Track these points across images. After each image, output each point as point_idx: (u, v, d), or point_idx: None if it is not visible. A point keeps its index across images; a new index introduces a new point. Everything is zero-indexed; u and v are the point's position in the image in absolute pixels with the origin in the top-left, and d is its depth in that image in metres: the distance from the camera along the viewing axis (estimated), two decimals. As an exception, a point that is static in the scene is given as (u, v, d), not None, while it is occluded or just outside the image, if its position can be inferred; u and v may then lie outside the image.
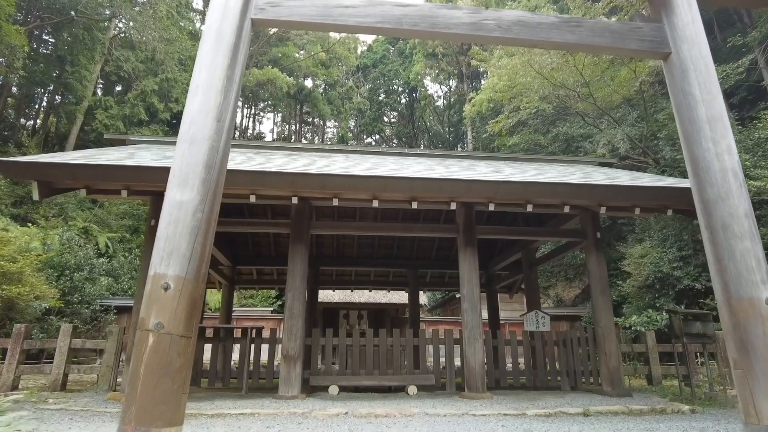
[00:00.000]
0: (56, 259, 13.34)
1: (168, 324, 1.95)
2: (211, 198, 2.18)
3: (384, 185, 5.87)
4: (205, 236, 2.13)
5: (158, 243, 2.09)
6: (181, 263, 2.04)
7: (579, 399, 6.40)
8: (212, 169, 2.22)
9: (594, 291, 7.25)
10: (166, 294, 1.99)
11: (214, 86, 2.34)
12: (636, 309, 13.98)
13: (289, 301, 6.42)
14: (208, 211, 2.16)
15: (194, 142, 2.23)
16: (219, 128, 2.29)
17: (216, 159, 2.25)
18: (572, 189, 6.06)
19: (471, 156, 9.17)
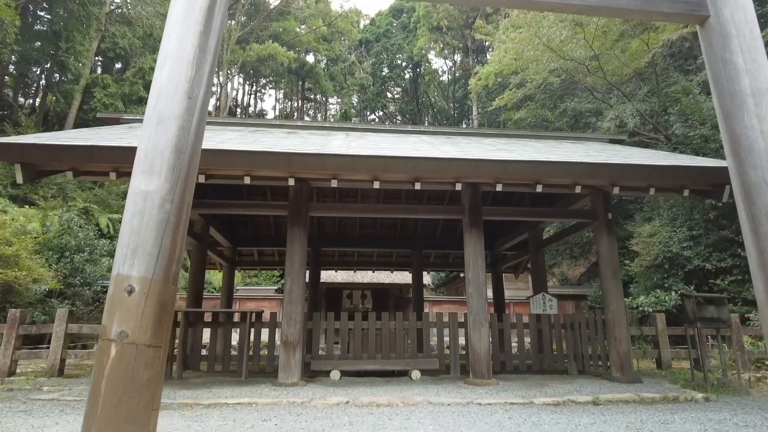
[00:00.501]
0: (55, 240, 13.19)
1: (133, 333, 1.69)
2: (181, 186, 1.90)
3: (385, 165, 5.56)
4: (175, 230, 1.85)
5: (121, 239, 1.82)
6: (148, 262, 1.77)
7: (587, 385, 6.21)
8: (183, 154, 1.93)
9: (604, 273, 6.99)
10: (130, 298, 1.72)
11: (184, 57, 2.03)
12: (644, 289, 13.76)
13: (288, 285, 6.20)
14: (178, 201, 1.88)
15: (162, 122, 1.94)
16: (190, 106, 1.99)
17: (187, 141, 1.96)
18: (586, 168, 5.73)
19: (477, 133, 8.80)
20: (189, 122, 1.97)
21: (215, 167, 5.41)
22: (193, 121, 1.99)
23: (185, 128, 1.96)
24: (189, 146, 1.96)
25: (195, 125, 2.00)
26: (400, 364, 7.21)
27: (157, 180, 1.86)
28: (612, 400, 5.39)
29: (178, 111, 1.96)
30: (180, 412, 4.60)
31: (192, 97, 2.00)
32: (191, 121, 1.98)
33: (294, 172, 5.60)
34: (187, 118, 1.97)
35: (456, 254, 12.60)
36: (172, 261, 1.84)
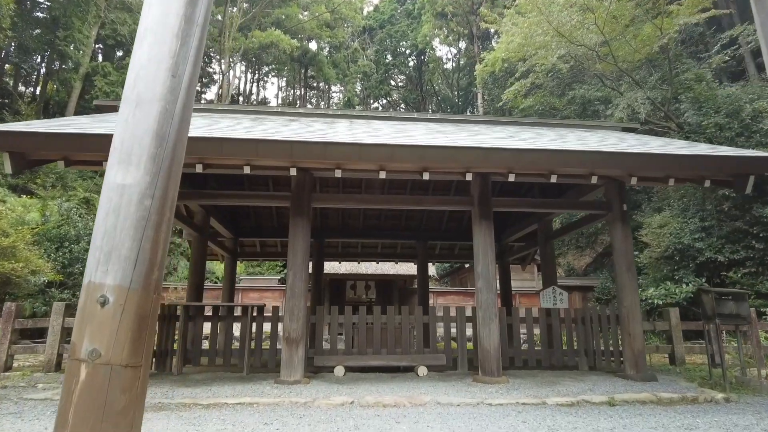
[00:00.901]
0: (54, 231, 13.00)
1: (107, 351, 1.44)
2: (164, 179, 1.64)
3: (392, 154, 5.28)
4: (156, 230, 1.60)
5: (94, 241, 1.57)
6: (124, 268, 1.52)
7: (601, 383, 5.99)
8: (166, 141, 1.67)
9: (618, 267, 6.72)
10: (103, 311, 1.47)
11: (168, 29, 1.75)
12: (653, 281, 13.50)
13: (290, 279, 5.97)
14: (160, 196, 1.62)
15: (141, 104, 1.67)
16: (175, 86, 1.72)
17: (171, 127, 1.69)
18: (603, 158, 5.44)
19: (486, 120, 8.48)
20: (173, 104, 1.71)
21: (213, 156, 5.15)
22: (177, 103, 1.72)
23: (168, 111, 1.69)
24: (173, 132, 1.70)
25: (180, 108, 1.73)
26: (406, 360, 7.00)
27: (136, 172, 1.60)
28: (628, 400, 5.16)
29: (160, 91, 1.69)
30: (177, 413, 4.40)
31: (176, 75, 1.73)
32: (176, 103, 1.72)
33: (296, 162, 5.33)
34: (170, 99, 1.70)
35: (462, 245, 12.34)
36: (153, 266, 1.59)
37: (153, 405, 4.69)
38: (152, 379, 6.01)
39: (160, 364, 6.77)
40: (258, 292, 17.25)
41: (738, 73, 19.81)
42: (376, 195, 8.37)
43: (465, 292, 17.71)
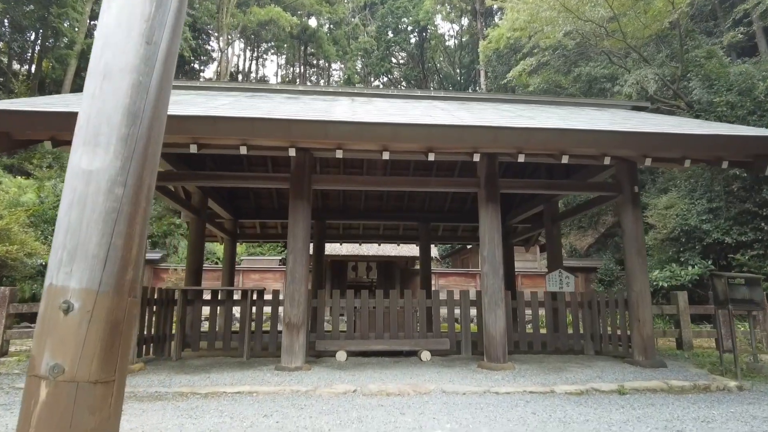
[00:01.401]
0: (51, 212, 12.81)
1: (71, 366, 1.24)
2: (138, 163, 1.41)
3: (396, 134, 5.02)
4: (130, 223, 1.37)
5: (56, 237, 1.35)
6: (92, 268, 1.30)
7: (609, 370, 5.85)
8: (139, 119, 1.43)
9: (629, 251, 6.52)
10: (67, 319, 1.26)
11: (140, -14, 1.50)
12: (657, 263, 13.34)
13: (290, 264, 5.78)
14: (134, 184, 1.39)
15: (109, 76, 1.43)
16: (149, 54, 1.47)
17: (145, 103, 1.45)
18: (617, 137, 5.17)
19: (492, 98, 8.17)
20: (148, 77, 1.46)
21: (207, 135, 4.89)
22: (153, 75, 1.48)
23: (142, 85, 1.45)
24: (148, 109, 1.46)
25: (157, 81, 1.49)
26: (409, 345, 6.87)
27: (104, 155, 1.37)
28: (638, 388, 5.02)
29: (132, 61, 1.44)
30: (174, 404, 4.26)
31: (152, 42, 1.48)
32: (151, 75, 1.47)
33: (295, 141, 5.08)
34: (144, 71, 1.46)
35: (465, 227, 12.14)
36: (126, 265, 1.37)
37: (150, 394, 4.56)
38: (150, 366, 5.88)
39: (158, 349, 6.65)
40: (259, 273, 17.15)
41: (749, 49, 19.25)
42: (378, 176, 8.13)
43: (467, 273, 17.60)
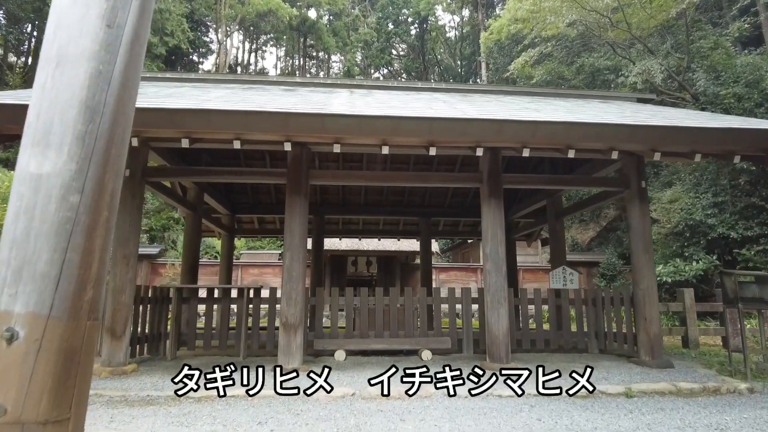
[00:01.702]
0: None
1: (15, 405, 1.06)
2: (99, 165, 1.22)
3: (396, 128, 4.82)
4: (88, 235, 1.19)
5: (1, 253, 1.17)
6: (41, 290, 1.12)
7: (615, 370, 5.70)
8: (100, 114, 1.24)
9: (635, 247, 6.35)
10: (11, 349, 1.08)
11: (100, -40, 1.30)
12: (661, 258, 13.16)
13: (287, 262, 5.61)
14: (93, 189, 1.20)
15: (63, 64, 1.24)
16: (111, 39, 1.27)
17: (107, 95, 1.26)
18: (626, 131, 4.97)
19: (496, 90, 7.95)
20: (109, 65, 1.27)
21: (200, 130, 4.70)
22: (116, 63, 1.29)
23: (103, 74, 1.25)
24: (110, 102, 1.26)
25: (121, 70, 1.30)
26: (409, 343, 6.72)
27: (56, 157, 1.18)
28: (646, 391, 4.87)
29: (90, 47, 1.25)
30: (166, 409, 4.10)
31: (113, 25, 1.28)
32: (113, 63, 1.28)
33: (291, 136, 4.88)
34: (105, 58, 1.26)
35: (467, 221, 11.97)
36: (84, 284, 1.19)
37: (141, 398, 4.41)
38: (144, 366, 5.73)
39: (152, 348, 6.49)
40: (258, 268, 17.00)
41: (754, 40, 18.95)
42: (378, 172, 7.93)
43: (468, 268, 17.43)
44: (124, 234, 5.57)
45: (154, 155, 6.40)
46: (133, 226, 5.64)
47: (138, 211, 5.75)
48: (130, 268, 5.55)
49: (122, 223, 5.60)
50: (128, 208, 5.63)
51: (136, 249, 5.64)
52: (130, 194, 5.67)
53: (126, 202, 5.63)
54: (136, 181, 5.70)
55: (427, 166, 9.33)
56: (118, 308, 5.41)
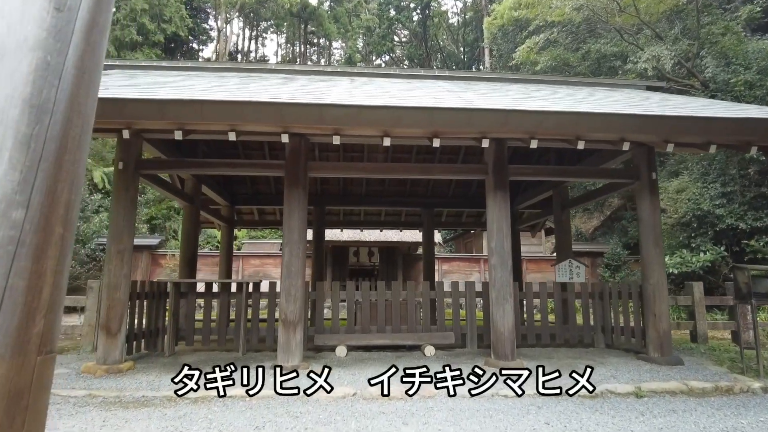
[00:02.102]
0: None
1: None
2: (48, 175, 1.04)
3: (398, 118, 4.62)
4: (37, 257, 1.02)
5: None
6: (-24, 322, 0.95)
7: (623, 367, 5.55)
8: (48, 114, 1.05)
9: (645, 241, 6.16)
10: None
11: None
12: (668, 249, 12.94)
13: (286, 257, 5.45)
14: (42, 203, 1.03)
15: (2, 55, 1.05)
16: (61, 25, 1.09)
17: (57, 91, 1.07)
18: (638, 122, 4.75)
19: (501, 78, 7.70)
20: (60, 55, 1.08)
21: (193, 121, 4.50)
22: (69, 53, 1.10)
23: (51, 66, 1.07)
24: (62, 100, 1.08)
25: (74, 60, 1.11)
26: (412, 339, 6.59)
27: (-6, 165, 1.00)
28: (656, 390, 4.72)
29: (35, 34, 1.06)
30: (161, 411, 3.98)
31: (63, 8, 1.09)
32: (65, 53, 1.09)
33: (288, 127, 4.68)
34: (54, 47, 1.07)
35: (470, 212, 11.80)
36: (33, 313, 1.02)
37: (136, 399, 4.29)
38: (140, 363, 5.62)
39: (150, 344, 6.38)
40: (259, 258, 16.89)
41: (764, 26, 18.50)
42: (379, 163, 7.74)
43: (471, 258, 17.29)
44: (118, 229, 5.41)
45: (150, 147, 6.22)
46: (127, 221, 5.48)
47: (132, 205, 5.58)
48: (125, 264, 5.40)
49: (116, 217, 5.45)
50: (121, 201, 5.47)
51: (130, 244, 5.49)
52: (123, 187, 5.51)
53: (119, 196, 5.48)
54: (129, 173, 5.53)
55: (430, 156, 9.12)
56: (113, 305, 5.27)
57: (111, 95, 4.28)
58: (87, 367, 5.12)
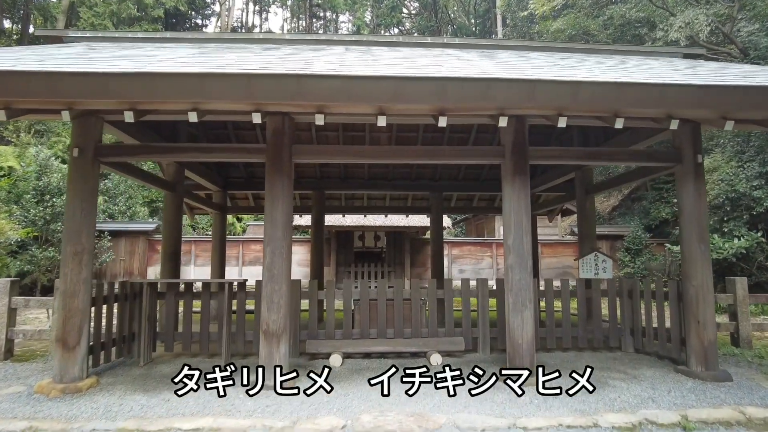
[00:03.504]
0: (33, 182, 11.86)
1: None
2: None
3: (396, 92, 3.74)
4: None
5: None
6: None
7: (661, 383, 4.75)
8: None
9: (687, 236, 5.26)
10: None
11: None
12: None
13: (267, 258, 4.68)
14: None
15: None
16: None
17: None
18: (695, 94, 3.82)
19: (520, 46, 6.69)
20: None
21: (145, 99, 3.68)
22: None
23: None
24: None
25: None
26: (417, 345, 5.84)
27: None
28: (707, 421, 3.91)
29: None
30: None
31: None
32: None
33: (260, 104, 3.84)
34: None
35: (482, 196, 10.92)
36: None
37: (83, 434, 3.59)
38: (108, 377, 4.95)
39: (124, 351, 5.71)
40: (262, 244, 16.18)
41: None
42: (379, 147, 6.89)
43: (483, 243, 16.43)
44: (75, 226, 4.66)
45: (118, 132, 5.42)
46: (86, 216, 4.72)
47: (92, 197, 4.81)
48: (84, 267, 4.67)
49: (72, 213, 4.69)
50: (79, 194, 4.70)
51: (90, 244, 4.74)
52: (81, 177, 4.74)
53: (75, 188, 4.71)
54: (87, 161, 4.75)
55: (438, 135, 8.23)
56: (69, 315, 4.57)
57: (41, 68, 3.46)
58: (41, 386, 4.45)
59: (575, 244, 16.58)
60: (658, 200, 17.53)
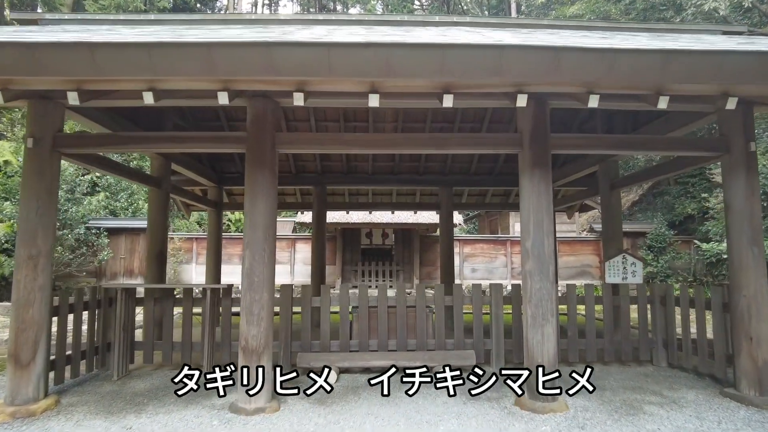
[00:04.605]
0: (20, 178, 11.44)
1: None
2: None
3: (389, 63, 3.06)
4: None
5: None
6: None
7: (707, 412, 4.03)
8: None
9: (736, 237, 4.51)
10: None
11: None
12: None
13: (247, 263, 4.06)
14: None
15: None
16: None
17: None
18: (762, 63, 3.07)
19: (537, 24, 5.93)
20: None
21: (89, 77, 3.06)
22: None
23: None
24: None
25: None
26: (421, 359, 5.20)
27: None
28: (774, 466, 3.20)
29: None
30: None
31: None
32: None
33: (226, 82, 3.20)
34: None
35: (496, 191, 10.19)
36: None
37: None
38: (71, 395, 4.39)
39: (98, 364, 5.17)
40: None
41: None
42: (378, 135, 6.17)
43: (496, 240, 15.64)
44: (30, 227, 4.10)
45: (81, 117, 4.84)
46: (43, 216, 4.15)
47: (49, 195, 4.23)
48: (41, 273, 4.11)
49: (26, 212, 4.13)
50: (34, 191, 4.14)
51: (47, 246, 4.18)
52: (37, 172, 4.16)
53: (30, 183, 4.14)
54: (44, 153, 4.17)
55: (448, 125, 7.55)
56: (23, 327, 4.01)
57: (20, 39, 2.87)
58: (-8, 407, 3.90)
59: (595, 242, 15.73)
60: (683, 195, 16.59)
